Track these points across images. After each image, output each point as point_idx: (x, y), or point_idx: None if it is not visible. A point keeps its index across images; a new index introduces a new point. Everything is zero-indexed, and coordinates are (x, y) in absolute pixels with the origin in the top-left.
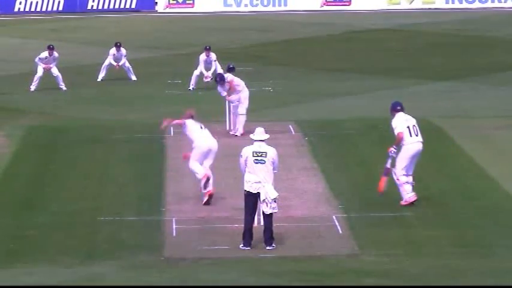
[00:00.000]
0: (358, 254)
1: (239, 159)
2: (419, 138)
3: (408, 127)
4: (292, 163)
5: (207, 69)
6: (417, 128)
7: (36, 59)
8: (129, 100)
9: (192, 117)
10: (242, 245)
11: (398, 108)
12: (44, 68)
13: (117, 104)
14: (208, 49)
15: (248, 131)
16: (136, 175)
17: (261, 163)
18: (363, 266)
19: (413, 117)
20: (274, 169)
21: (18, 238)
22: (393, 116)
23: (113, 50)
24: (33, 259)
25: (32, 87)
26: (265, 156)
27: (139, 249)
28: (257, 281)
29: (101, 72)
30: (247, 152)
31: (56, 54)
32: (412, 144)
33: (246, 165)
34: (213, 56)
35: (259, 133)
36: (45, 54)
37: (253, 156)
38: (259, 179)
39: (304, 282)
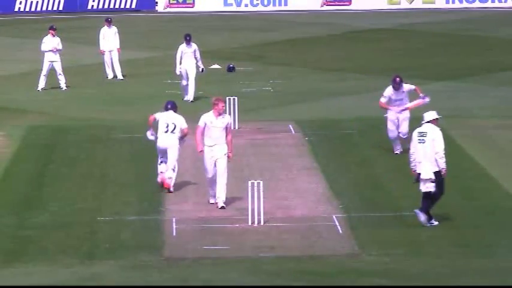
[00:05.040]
0: (358, 253)
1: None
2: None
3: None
4: (293, 163)
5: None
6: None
7: (41, 47)
8: (129, 100)
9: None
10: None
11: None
12: (51, 48)
13: (117, 104)
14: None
15: (250, 131)
16: (136, 175)
17: (422, 143)
18: (363, 265)
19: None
20: (435, 149)
21: (18, 238)
22: None
23: (103, 30)
24: (33, 259)
25: (39, 87)
26: (426, 136)
27: (139, 249)
28: (257, 280)
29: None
30: (414, 133)
31: (58, 38)
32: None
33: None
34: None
35: (428, 115)
36: (48, 38)
37: (417, 136)
38: (420, 159)
39: (305, 282)
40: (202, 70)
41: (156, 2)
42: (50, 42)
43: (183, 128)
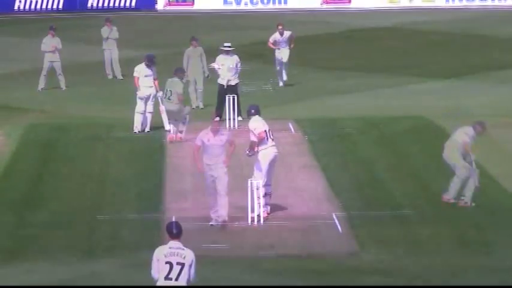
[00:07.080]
0: (358, 252)
1: None
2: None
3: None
4: (292, 161)
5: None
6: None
7: (42, 47)
8: (129, 98)
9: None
10: None
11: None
12: (51, 48)
13: (117, 103)
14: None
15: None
16: (136, 173)
17: None
18: (363, 264)
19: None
20: None
21: (18, 236)
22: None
23: (104, 30)
24: (33, 257)
25: (39, 87)
26: None
27: (139, 247)
28: (257, 279)
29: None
30: None
31: (58, 38)
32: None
33: None
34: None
35: None
36: (48, 38)
37: None
38: None
39: (304, 280)
40: (208, 76)
41: (156, 1)
42: (50, 43)
43: (178, 95)
